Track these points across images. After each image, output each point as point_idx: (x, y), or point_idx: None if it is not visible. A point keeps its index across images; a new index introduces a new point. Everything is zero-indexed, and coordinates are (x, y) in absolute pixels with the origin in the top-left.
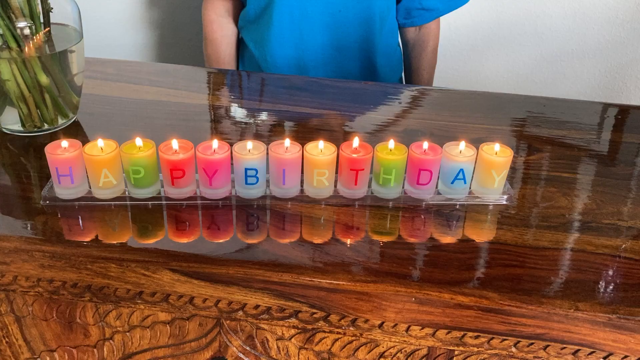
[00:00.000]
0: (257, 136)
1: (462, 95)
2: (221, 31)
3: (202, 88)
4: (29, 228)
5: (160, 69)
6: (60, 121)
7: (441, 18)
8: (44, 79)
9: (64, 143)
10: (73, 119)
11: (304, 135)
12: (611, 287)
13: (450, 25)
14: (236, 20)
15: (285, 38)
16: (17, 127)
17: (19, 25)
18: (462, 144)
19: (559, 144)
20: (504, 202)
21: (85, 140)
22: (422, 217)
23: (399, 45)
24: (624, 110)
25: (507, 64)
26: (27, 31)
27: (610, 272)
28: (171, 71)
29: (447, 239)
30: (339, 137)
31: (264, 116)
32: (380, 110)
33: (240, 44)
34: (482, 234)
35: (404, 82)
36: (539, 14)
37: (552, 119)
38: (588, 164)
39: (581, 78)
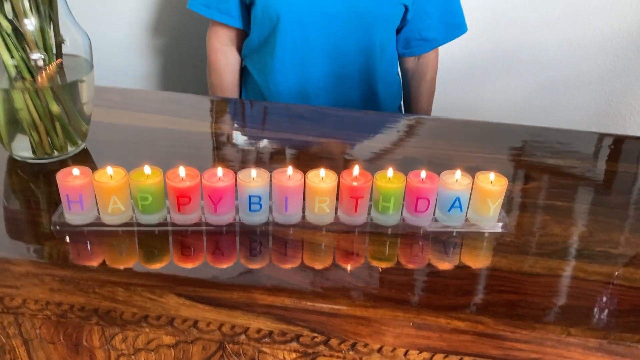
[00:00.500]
0: (260, 163)
1: (459, 124)
2: (225, 59)
3: (207, 116)
4: (39, 253)
5: (166, 97)
6: (70, 149)
7: (440, 47)
8: (55, 108)
9: (75, 170)
10: (82, 147)
11: (305, 162)
12: (603, 313)
13: (448, 53)
14: (239, 49)
15: (287, 66)
16: (28, 154)
17: (33, 57)
18: (458, 173)
19: (554, 173)
20: (500, 230)
21: (93, 167)
22: (420, 243)
23: (398, 74)
24: (617, 140)
25: (504, 92)
26: (40, 62)
27: (602, 299)
28: (176, 99)
29: (445, 265)
30: (339, 165)
31: (266, 144)
32: (379, 139)
33: (243, 71)
34: (478, 261)
35: (403, 110)
36: (535, 43)
37: (547, 148)
38: (582, 193)
39: (577, 106)
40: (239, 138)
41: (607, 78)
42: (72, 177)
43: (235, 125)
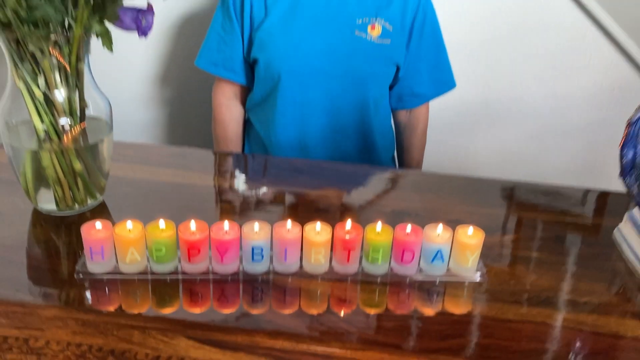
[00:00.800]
0: (262, 214)
1: (445, 179)
2: (229, 113)
3: (213, 170)
4: (63, 298)
5: (175, 151)
6: (89, 202)
7: (433, 100)
8: (78, 166)
9: (98, 224)
10: (100, 200)
11: (303, 214)
12: (568, 357)
13: (441, 105)
14: (243, 103)
15: (288, 120)
16: (52, 207)
17: (60, 122)
18: (440, 227)
19: (530, 226)
20: (478, 279)
21: (110, 219)
22: (407, 291)
23: (392, 127)
24: (592, 194)
25: (494, 142)
26: (66, 126)
27: (568, 343)
28: (185, 154)
29: (429, 311)
30: (335, 216)
31: (268, 196)
32: (372, 191)
33: (247, 124)
34: (458, 307)
35: (396, 160)
36: (522, 95)
37: (526, 202)
38: (556, 245)
39: (564, 155)
40: (242, 191)
41: (591, 129)
42: (95, 230)
43: (239, 178)
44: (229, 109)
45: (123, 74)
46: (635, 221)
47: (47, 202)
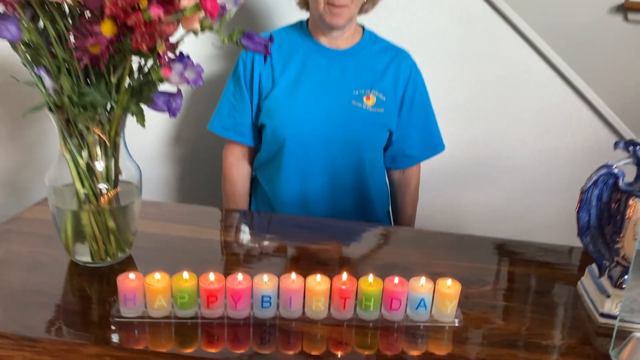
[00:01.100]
0: (269, 266)
1: (431, 236)
2: (238, 171)
3: (227, 226)
4: (100, 338)
5: (192, 209)
6: (119, 255)
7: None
8: (111, 224)
9: (131, 275)
10: (128, 254)
11: (305, 266)
12: None
13: (433, 164)
14: (251, 163)
15: (291, 179)
16: (87, 259)
17: (99, 187)
18: (423, 279)
19: (505, 278)
20: (456, 324)
21: (136, 270)
22: (395, 335)
23: (386, 185)
24: (569, 251)
25: (483, 197)
26: (103, 190)
27: None
28: (201, 212)
29: (414, 352)
30: (333, 269)
31: (274, 250)
32: (366, 246)
33: (253, 181)
34: (440, 349)
35: (391, 215)
36: (509, 155)
37: (504, 257)
38: (526, 295)
39: (549, 210)
40: (252, 245)
41: (574, 186)
42: (129, 280)
43: (249, 234)
44: (238, 168)
45: (141, 134)
46: (593, 274)
47: (83, 255)
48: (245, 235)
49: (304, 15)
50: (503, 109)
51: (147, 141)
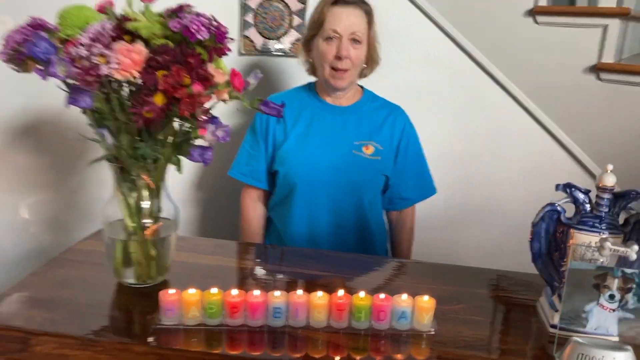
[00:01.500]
0: (281, 287)
1: (416, 265)
2: (254, 212)
3: (245, 256)
4: (145, 340)
5: (216, 243)
6: (158, 278)
7: (425, 201)
8: (153, 252)
9: (171, 291)
10: (165, 277)
11: (311, 287)
12: None
13: (431, 205)
14: (265, 204)
15: (300, 218)
16: (132, 281)
17: (144, 222)
18: (405, 296)
19: (478, 299)
20: (432, 332)
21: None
22: (382, 341)
23: (385, 223)
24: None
25: (477, 237)
26: (148, 225)
27: None
28: (223, 245)
29: (398, 355)
30: (333, 288)
31: (284, 275)
32: (361, 272)
33: (268, 220)
34: (420, 353)
35: (389, 251)
36: (500, 197)
37: (478, 282)
38: (493, 312)
39: None
40: (265, 269)
41: None
42: (168, 295)
43: (263, 261)
44: (254, 209)
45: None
46: (547, 294)
47: (129, 277)
48: (260, 262)
49: (312, 78)
50: (492, 156)
51: (178, 186)
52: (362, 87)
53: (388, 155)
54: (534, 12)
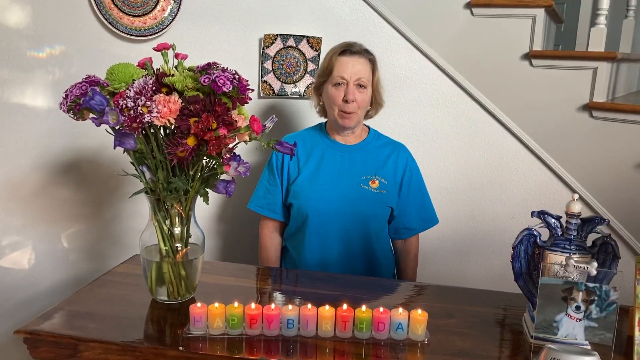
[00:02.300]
0: (293, 302)
1: (418, 287)
2: (271, 241)
3: (263, 278)
4: (177, 346)
5: (237, 267)
6: (187, 296)
7: (432, 232)
8: (183, 272)
9: (199, 304)
10: (193, 295)
11: (318, 301)
12: None
13: (439, 237)
14: (281, 234)
15: (313, 247)
16: (165, 298)
17: (175, 246)
18: (401, 309)
19: (470, 315)
20: (426, 342)
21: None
22: (382, 349)
23: (391, 250)
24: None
25: (484, 266)
26: (178, 248)
27: None
28: (244, 269)
29: None
30: (339, 303)
31: (298, 292)
32: (365, 291)
33: (283, 250)
34: (415, 359)
35: (396, 276)
36: (503, 228)
37: (471, 301)
38: (482, 326)
39: None
40: (282, 290)
41: None
42: (197, 308)
43: (279, 284)
44: (271, 239)
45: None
46: (530, 309)
47: (162, 295)
48: (276, 283)
49: (323, 119)
50: (495, 190)
51: (204, 217)
52: (368, 126)
53: (392, 188)
54: (529, 56)
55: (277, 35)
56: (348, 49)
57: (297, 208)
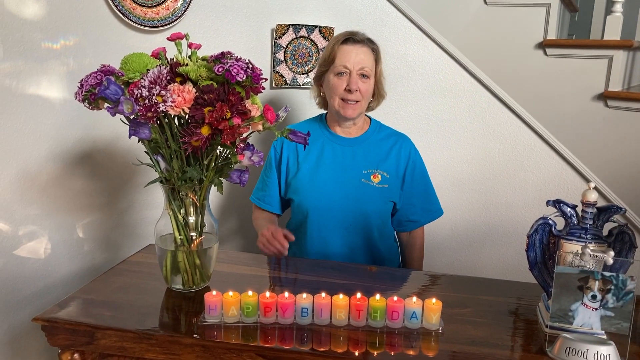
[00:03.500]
0: (307, 289)
1: (431, 276)
2: (259, 219)
3: (276, 268)
4: (193, 335)
5: (252, 256)
6: (202, 284)
7: (445, 222)
8: (198, 261)
9: (214, 293)
10: (207, 284)
11: (332, 289)
12: None
13: (452, 227)
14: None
15: (314, 242)
16: (180, 287)
17: (190, 234)
18: (415, 298)
19: (484, 304)
20: (440, 331)
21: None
22: (396, 338)
23: (396, 242)
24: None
25: (497, 257)
26: (193, 237)
27: None
28: (258, 258)
29: (410, 351)
30: (352, 292)
31: (311, 280)
32: (376, 280)
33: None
34: (429, 349)
35: (401, 267)
36: (518, 219)
37: (485, 290)
38: (496, 315)
39: None
40: (295, 279)
41: None
42: (212, 296)
43: (293, 272)
44: (258, 219)
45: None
46: (545, 299)
47: (177, 283)
48: (289, 272)
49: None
50: (508, 180)
51: (217, 207)
52: (370, 117)
53: (395, 182)
54: (543, 45)
55: (289, 25)
56: (351, 38)
57: (298, 204)
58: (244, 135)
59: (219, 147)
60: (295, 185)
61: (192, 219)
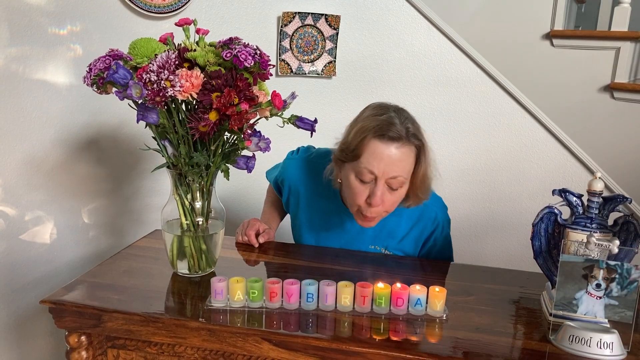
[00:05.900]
0: (313, 275)
1: (432, 263)
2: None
3: (283, 254)
4: (199, 319)
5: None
6: (207, 269)
7: (450, 213)
8: (204, 246)
9: (221, 277)
10: (213, 269)
11: (337, 275)
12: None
13: (457, 218)
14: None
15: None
16: (185, 271)
17: (196, 219)
18: (419, 285)
19: (488, 293)
20: (444, 317)
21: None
22: (400, 325)
23: None
24: (536, 276)
25: (501, 246)
26: (199, 222)
27: (497, 351)
28: (264, 244)
29: (413, 338)
30: (356, 279)
31: (317, 267)
32: (381, 267)
33: None
34: (432, 335)
35: None
36: (522, 210)
37: (489, 279)
38: (500, 303)
39: None
40: (301, 265)
41: None
42: (218, 280)
43: (299, 259)
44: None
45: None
46: (548, 287)
47: (182, 268)
48: (296, 258)
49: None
50: (513, 171)
51: (224, 193)
52: None
53: (411, 252)
54: (550, 36)
55: (295, 13)
56: (386, 133)
57: (295, 239)
58: (252, 121)
59: (226, 132)
60: (293, 224)
61: (198, 205)
